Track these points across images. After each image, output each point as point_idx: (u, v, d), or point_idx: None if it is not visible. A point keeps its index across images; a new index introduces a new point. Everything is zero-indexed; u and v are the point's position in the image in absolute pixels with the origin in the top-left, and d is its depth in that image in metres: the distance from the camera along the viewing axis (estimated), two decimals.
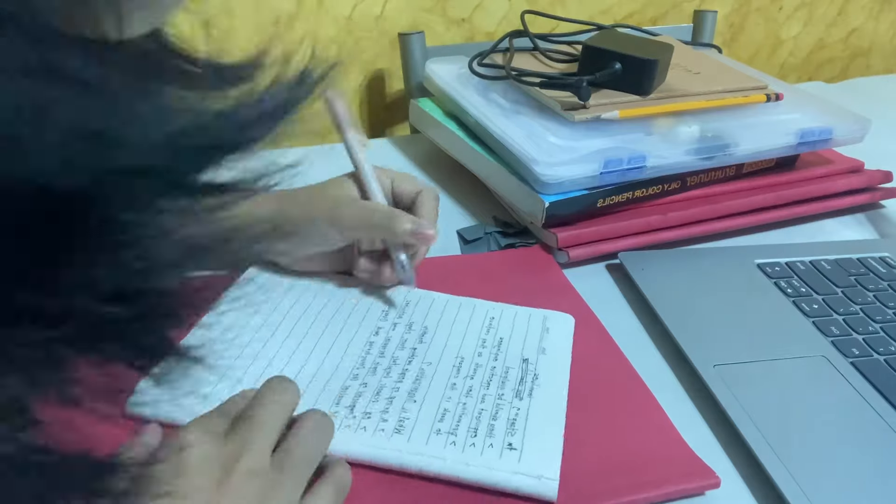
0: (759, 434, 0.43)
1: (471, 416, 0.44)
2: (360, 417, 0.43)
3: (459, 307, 0.54)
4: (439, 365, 0.48)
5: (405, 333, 0.51)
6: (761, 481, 0.42)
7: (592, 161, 0.60)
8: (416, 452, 0.41)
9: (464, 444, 0.41)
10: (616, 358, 0.50)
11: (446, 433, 0.42)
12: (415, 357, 0.48)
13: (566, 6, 1.08)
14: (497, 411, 0.44)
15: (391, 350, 0.49)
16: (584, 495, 0.40)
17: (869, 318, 0.55)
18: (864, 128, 0.72)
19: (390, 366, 0.48)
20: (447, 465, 0.40)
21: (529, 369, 0.48)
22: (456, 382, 0.46)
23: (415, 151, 0.80)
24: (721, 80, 0.74)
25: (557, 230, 0.60)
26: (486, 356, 0.49)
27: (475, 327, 0.52)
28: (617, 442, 0.43)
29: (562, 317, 0.53)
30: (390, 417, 0.43)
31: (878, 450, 0.44)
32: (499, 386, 0.46)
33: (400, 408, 0.44)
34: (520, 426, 0.43)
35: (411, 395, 0.45)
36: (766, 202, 0.68)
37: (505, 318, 0.53)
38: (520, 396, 0.45)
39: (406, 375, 0.47)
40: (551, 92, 0.66)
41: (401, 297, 0.54)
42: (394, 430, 0.42)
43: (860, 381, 0.49)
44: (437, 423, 0.43)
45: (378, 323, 0.52)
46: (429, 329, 0.51)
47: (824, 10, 1.26)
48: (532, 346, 0.50)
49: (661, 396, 0.47)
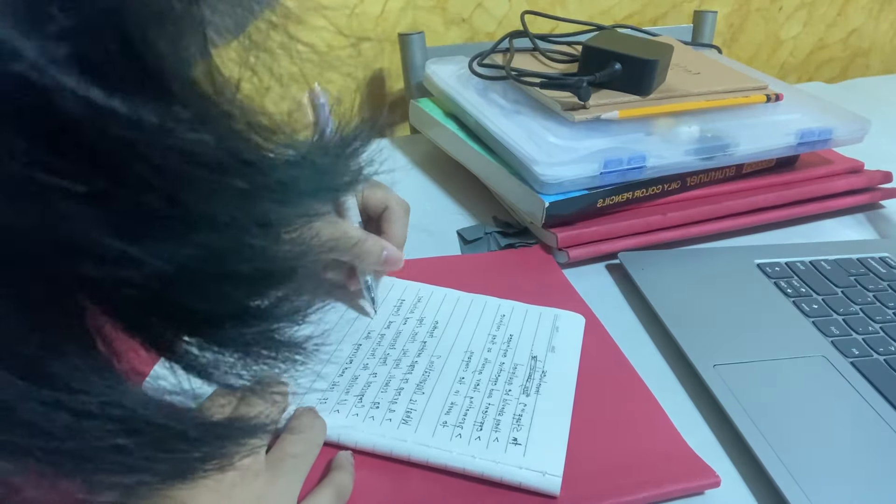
0: (759, 434, 0.44)
1: (477, 411, 0.44)
2: (368, 407, 0.44)
3: (471, 303, 0.54)
4: (448, 359, 0.48)
5: (416, 327, 0.51)
6: (761, 481, 0.42)
7: (592, 161, 0.60)
8: (422, 443, 0.41)
9: (469, 437, 0.42)
10: (616, 358, 0.50)
11: (452, 426, 0.43)
12: (424, 350, 0.49)
13: (566, 6, 1.08)
14: (503, 406, 0.44)
15: (402, 343, 0.50)
16: (584, 494, 0.40)
17: (869, 318, 0.55)
18: (864, 128, 0.72)
19: (400, 357, 0.48)
20: (453, 456, 0.41)
21: (538, 366, 0.48)
22: (464, 377, 0.47)
23: (415, 151, 0.80)
24: (721, 80, 0.74)
25: (557, 230, 0.60)
26: (495, 352, 0.49)
27: (485, 323, 0.52)
28: (617, 441, 0.43)
29: (572, 316, 0.53)
30: (398, 408, 0.44)
31: (878, 450, 0.44)
32: (506, 382, 0.47)
33: (408, 399, 0.44)
34: (525, 422, 0.43)
35: (420, 387, 0.46)
36: (766, 202, 0.68)
37: (515, 315, 0.53)
38: (527, 393, 0.46)
39: (415, 368, 0.47)
40: (551, 92, 0.66)
41: (413, 292, 0.55)
42: (401, 420, 0.43)
43: (860, 381, 0.49)
44: (444, 415, 0.43)
45: (390, 317, 0.52)
46: (439, 324, 0.52)
47: (824, 11, 1.26)
48: (542, 343, 0.50)
49: (661, 396, 0.47)
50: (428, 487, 0.40)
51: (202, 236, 0.15)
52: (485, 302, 0.54)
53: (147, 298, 0.15)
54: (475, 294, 0.55)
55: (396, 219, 0.54)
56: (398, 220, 0.54)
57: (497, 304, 0.54)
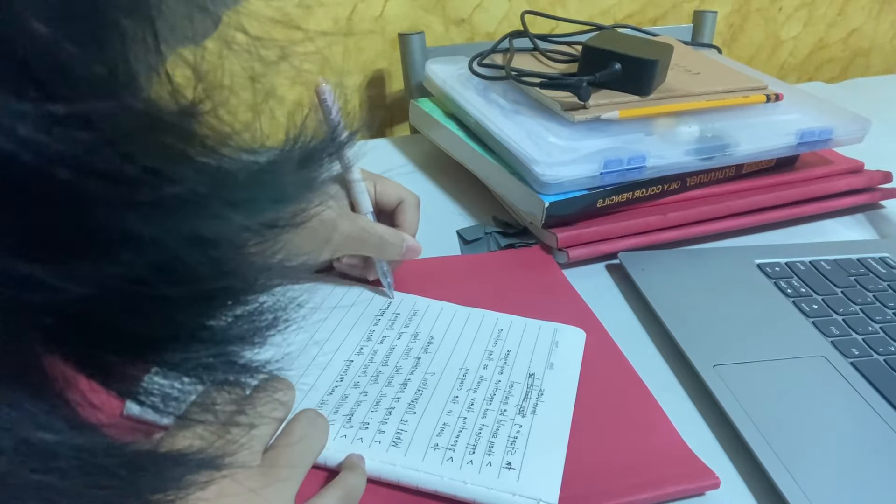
0: (759, 434, 0.43)
1: (470, 432, 0.42)
2: (357, 427, 0.42)
3: (468, 318, 0.53)
4: (442, 376, 0.47)
5: (411, 342, 0.50)
6: (761, 481, 0.42)
7: (592, 161, 0.60)
8: (412, 467, 0.40)
9: (461, 460, 0.40)
10: (616, 358, 0.50)
11: (444, 448, 0.41)
12: (418, 367, 0.47)
13: (566, 6, 1.08)
14: (498, 428, 0.43)
15: (395, 359, 0.48)
16: (584, 495, 0.40)
17: (869, 318, 0.55)
18: (864, 128, 0.72)
19: (392, 375, 0.46)
20: (444, 482, 0.39)
21: (535, 384, 0.47)
22: (458, 395, 0.45)
23: (415, 151, 0.80)
24: (721, 80, 0.74)
25: (557, 230, 0.60)
26: (491, 369, 0.48)
27: (482, 338, 0.51)
28: (617, 442, 0.43)
29: (572, 331, 0.52)
30: (388, 429, 0.42)
31: (877, 450, 0.44)
32: (502, 401, 0.45)
33: (399, 419, 0.43)
34: (520, 445, 0.42)
35: (411, 406, 0.44)
36: (765, 202, 0.68)
37: (514, 330, 0.52)
38: (523, 413, 0.44)
39: (408, 386, 0.46)
40: (551, 92, 0.66)
41: (408, 306, 0.53)
42: (391, 442, 0.41)
43: (860, 382, 0.49)
44: (436, 437, 0.42)
45: (384, 332, 0.51)
46: (434, 339, 0.50)
47: (824, 11, 1.26)
48: (540, 360, 0.49)
49: (661, 396, 0.47)
50: None
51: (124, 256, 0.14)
52: (482, 316, 0.53)
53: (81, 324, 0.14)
54: (472, 308, 0.54)
55: (409, 210, 0.56)
56: (411, 212, 0.56)
57: (495, 318, 0.53)
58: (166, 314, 0.15)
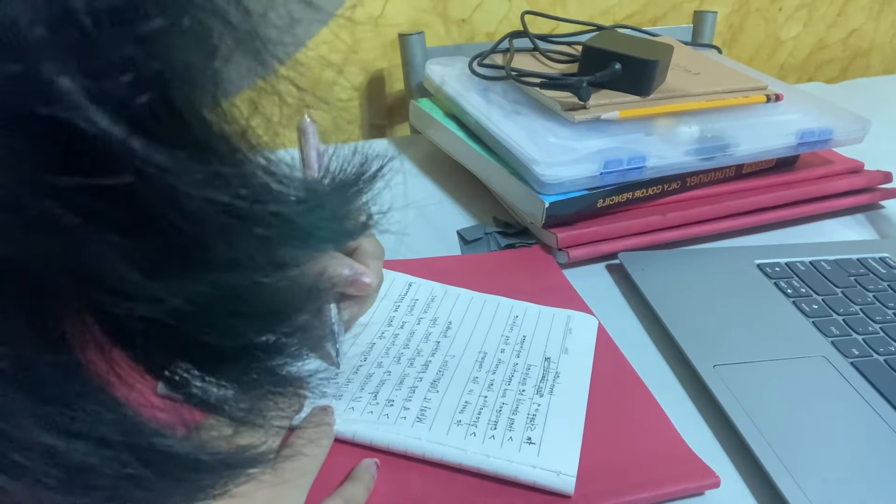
0: (759, 434, 0.44)
1: (491, 410, 0.44)
2: (382, 405, 0.44)
3: (484, 303, 0.54)
4: (462, 359, 0.49)
5: (430, 327, 0.51)
6: (761, 481, 0.42)
7: (592, 161, 0.60)
8: (436, 441, 0.41)
9: (483, 435, 0.42)
10: (616, 358, 0.50)
11: (467, 424, 0.43)
12: (438, 350, 0.49)
13: (566, 7, 1.08)
14: (517, 406, 0.45)
15: (416, 342, 0.50)
16: (584, 495, 0.40)
17: (869, 318, 0.55)
18: (864, 128, 0.72)
19: (414, 357, 0.48)
20: (467, 455, 0.41)
21: (551, 368, 0.48)
22: (478, 376, 0.47)
23: (415, 152, 0.80)
24: (721, 80, 0.74)
25: (557, 230, 0.60)
26: (508, 353, 0.49)
27: (499, 324, 0.52)
28: (617, 442, 0.43)
29: (585, 318, 0.53)
30: (412, 406, 0.44)
31: (877, 450, 0.44)
32: (520, 382, 0.47)
33: (422, 397, 0.45)
34: (539, 422, 0.43)
35: (434, 385, 0.46)
36: (766, 202, 0.68)
37: (529, 316, 0.53)
38: (540, 393, 0.46)
39: (429, 367, 0.47)
40: (551, 92, 0.66)
41: (426, 292, 0.55)
42: (416, 418, 0.43)
43: (860, 382, 0.49)
44: (458, 413, 0.44)
45: (404, 317, 0.52)
46: (453, 324, 0.52)
47: (824, 11, 1.26)
48: (555, 345, 0.50)
49: (661, 396, 0.47)
50: (437, 486, 0.40)
51: (219, 276, 0.15)
52: (498, 302, 0.55)
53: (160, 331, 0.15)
54: (488, 294, 0.55)
55: (367, 258, 0.47)
56: (369, 260, 0.47)
57: (510, 305, 0.54)
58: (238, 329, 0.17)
